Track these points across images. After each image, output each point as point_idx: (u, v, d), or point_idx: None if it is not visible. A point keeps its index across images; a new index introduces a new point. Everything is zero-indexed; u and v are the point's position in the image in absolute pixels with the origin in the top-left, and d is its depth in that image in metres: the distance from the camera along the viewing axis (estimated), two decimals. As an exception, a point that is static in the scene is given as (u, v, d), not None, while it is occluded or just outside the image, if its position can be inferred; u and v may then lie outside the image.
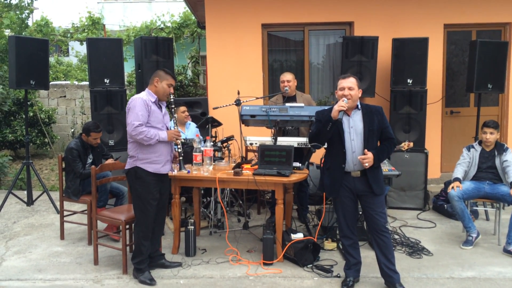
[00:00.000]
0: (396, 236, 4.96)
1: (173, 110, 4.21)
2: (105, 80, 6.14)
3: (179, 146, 4.20)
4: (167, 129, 4.11)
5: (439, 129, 6.80)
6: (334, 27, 6.91)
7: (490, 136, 4.87)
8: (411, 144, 5.23)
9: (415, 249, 4.63)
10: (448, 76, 6.90)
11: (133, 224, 4.29)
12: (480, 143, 5.02)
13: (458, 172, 4.90)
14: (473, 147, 5.04)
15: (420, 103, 6.10)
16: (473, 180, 4.89)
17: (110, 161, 5.10)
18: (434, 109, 6.58)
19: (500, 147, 4.88)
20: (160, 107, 4.05)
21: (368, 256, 4.38)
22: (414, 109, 6.12)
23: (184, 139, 5.11)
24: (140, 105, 3.84)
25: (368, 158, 3.58)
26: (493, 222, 5.31)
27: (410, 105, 6.12)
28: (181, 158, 4.25)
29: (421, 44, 6.02)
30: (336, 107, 3.59)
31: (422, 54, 6.02)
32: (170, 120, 4.27)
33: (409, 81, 6.07)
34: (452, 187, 4.75)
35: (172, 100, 4.14)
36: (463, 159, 5.02)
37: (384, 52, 6.29)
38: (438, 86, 6.67)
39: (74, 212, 5.33)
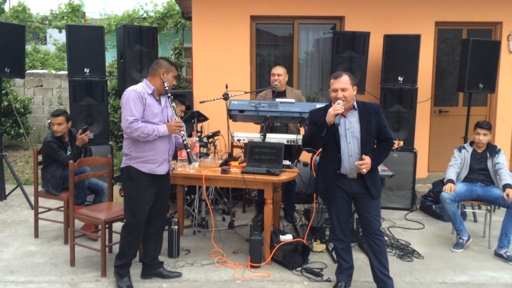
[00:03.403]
0: (386, 238, 4.83)
1: (169, 99, 3.69)
2: (85, 70, 5.84)
3: (184, 138, 3.71)
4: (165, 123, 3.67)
5: (427, 128, 6.71)
6: (324, 21, 6.75)
7: (483, 137, 4.77)
8: (401, 143, 5.10)
9: (406, 252, 4.51)
10: (438, 74, 6.81)
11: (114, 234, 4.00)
12: (471, 144, 4.92)
13: (451, 174, 4.79)
14: (464, 148, 4.93)
15: (410, 102, 5.97)
16: (465, 181, 4.79)
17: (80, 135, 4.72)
18: (423, 108, 6.47)
19: (492, 149, 4.79)
20: (158, 100, 3.63)
21: (358, 258, 4.24)
22: (404, 108, 5.99)
23: None
24: (134, 98, 3.47)
25: (366, 164, 3.41)
26: (481, 224, 5.25)
27: (400, 103, 5.99)
28: (188, 150, 3.76)
29: (413, 41, 5.89)
30: (332, 111, 3.35)
31: (413, 52, 5.90)
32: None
33: (400, 78, 5.94)
34: (447, 189, 4.62)
35: (166, 88, 3.64)
36: (455, 160, 4.90)
37: (375, 48, 6.15)
38: (427, 84, 6.57)
39: (50, 209, 5.04)
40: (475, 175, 4.77)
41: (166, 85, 3.58)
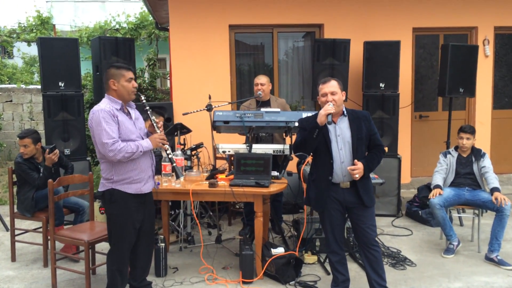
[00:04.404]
0: (376, 246, 4.77)
1: (149, 113, 3.51)
2: (60, 84, 5.61)
3: (168, 152, 3.53)
4: (146, 136, 3.46)
5: (409, 133, 6.73)
6: (303, 29, 6.71)
7: (467, 141, 4.78)
8: (386, 149, 5.07)
9: (398, 260, 4.46)
10: (417, 80, 6.85)
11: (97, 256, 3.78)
12: (456, 148, 4.93)
13: (438, 180, 4.78)
14: (449, 153, 4.94)
15: (392, 108, 5.97)
16: (452, 186, 4.79)
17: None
18: (404, 113, 6.48)
19: (477, 153, 4.80)
20: (128, 113, 3.40)
21: (351, 269, 4.11)
22: (386, 114, 5.99)
23: None
24: (105, 119, 3.18)
25: (359, 169, 3.34)
26: (468, 228, 5.27)
27: (383, 109, 5.98)
28: (174, 164, 3.60)
29: (393, 47, 5.90)
30: (323, 112, 3.32)
31: (394, 58, 5.91)
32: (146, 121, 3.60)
33: (382, 85, 5.94)
34: (434, 195, 4.61)
35: (144, 101, 3.49)
36: (440, 166, 4.90)
37: (355, 55, 6.14)
38: (408, 90, 6.60)
39: (26, 231, 4.79)
40: (461, 180, 4.77)
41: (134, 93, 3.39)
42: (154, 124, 3.49)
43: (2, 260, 4.56)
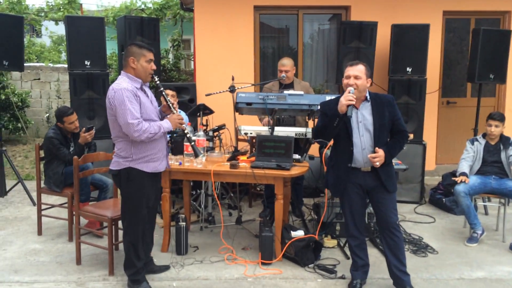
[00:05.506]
0: (397, 232, 4.73)
1: (164, 94, 3.53)
2: (86, 62, 5.67)
3: (186, 131, 3.63)
4: (160, 116, 3.53)
5: (435, 120, 6.59)
6: (329, 11, 6.60)
7: (495, 129, 4.66)
8: (411, 136, 4.99)
9: (419, 247, 4.41)
10: (445, 65, 6.68)
11: (120, 232, 3.85)
12: (484, 136, 4.80)
13: (464, 167, 4.68)
14: (477, 140, 4.82)
15: (419, 93, 5.84)
16: (478, 174, 4.69)
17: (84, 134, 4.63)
18: (431, 99, 6.35)
19: (506, 141, 4.68)
20: (145, 93, 3.41)
21: (371, 254, 4.06)
22: (412, 99, 5.86)
23: None
24: (129, 98, 3.19)
25: (380, 157, 3.29)
26: (493, 217, 5.17)
27: (409, 94, 5.86)
28: (193, 143, 3.68)
29: (422, 31, 5.75)
30: (344, 101, 3.23)
31: (422, 42, 5.75)
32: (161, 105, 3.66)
33: (409, 69, 5.81)
34: (460, 181, 4.52)
35: (158, 83, 3.50)
36: (467, 153, 4.79)
37: (382, 38, 6.01)
38: (435, 75, 6.44)
39: (52, 206, 4.91)
40: (488, 168, 4.67)
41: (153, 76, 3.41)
42: (171, 105, 3.52)
43: (29, 234, 4.70)
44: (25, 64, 9.89)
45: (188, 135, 3.66)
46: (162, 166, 3.52)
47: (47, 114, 9.71)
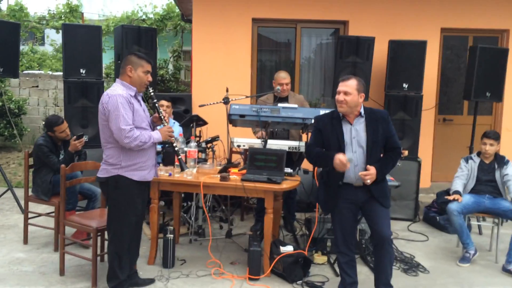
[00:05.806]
0: (389, 250, 4.65)
1: (157, 105, 3.59)
2: (81, 71, 5.66)
3: (175, 144, 3.68)
4: (151, 126, 3.54)
5: (431, 137, 6.54)
6: (328, 25, 6.59)
7: (490, 147, 4.61)
8: (406, 153, 4.95)
9: (410, 265, 4.33)
10: (442, 82, 6.65)
11: (106, 243, 3.80)
12: (479, 154, 4.75)
13: (458, 185, 4.62)
14: (471, 158, 4.77)
15: (415, 109, 5.80)
16: (472, 193, 4.62)
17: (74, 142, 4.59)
18: (427, 116, 6.30)
19: (500, 160, 4.63)
20: (139, 101, 3.44)
21: (361, 272, 4.05)
22: (408, 115, 5.82)
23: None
24: (123, 105, 3.21)
25: (371, 175, 3.24)
26: (487, 236, 5.09)
27: (405, 110, 5.82)
28: (179, 157, 3.73)
29: (419, 47, 5.73)
30: (339, 167, 3.23)
31: (419, 58, 5.74)
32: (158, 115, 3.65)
33: (405, 85, 5.78)
34: (453, 199, 4.46)
35: (152, 94, 3.55)
36: (461, 171, 4.73)
37: (379, 54, 5.99)
38: (432, 92, 6.41)
39: (40, 214, 4.83)
40: (482, 187, 4.61)
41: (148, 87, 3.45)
42: (162, 117, 3.54)
43: (14, 242, 4.63)
44: (24, 71, 9.97)
45: (176, 148, 3.66)
46: (150, 175, 3.50)
47: (44, 122, 9.69)
